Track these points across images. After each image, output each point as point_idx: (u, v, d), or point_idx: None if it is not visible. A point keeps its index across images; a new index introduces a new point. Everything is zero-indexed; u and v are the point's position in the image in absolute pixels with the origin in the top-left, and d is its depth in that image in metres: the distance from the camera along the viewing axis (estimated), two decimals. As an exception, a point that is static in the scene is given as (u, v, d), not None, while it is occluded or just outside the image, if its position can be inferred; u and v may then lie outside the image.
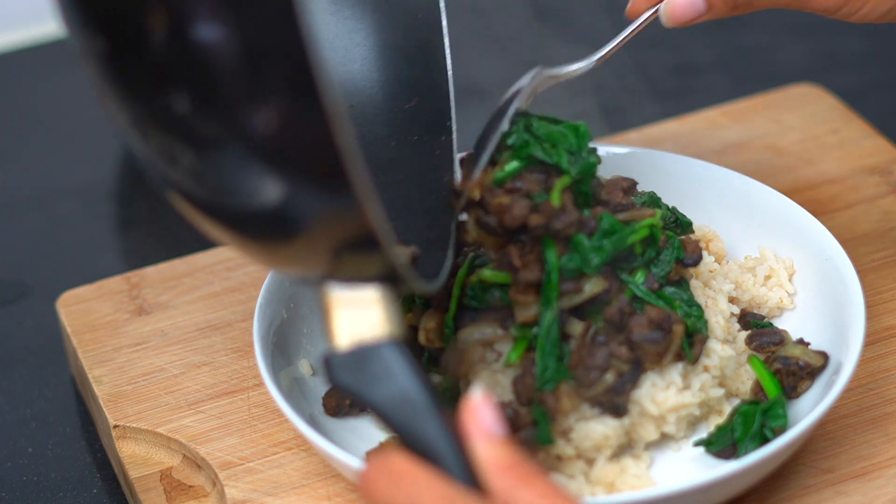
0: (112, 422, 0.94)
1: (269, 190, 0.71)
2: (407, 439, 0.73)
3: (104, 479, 0.97)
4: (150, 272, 1.05)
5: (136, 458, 0.93)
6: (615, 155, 1.01)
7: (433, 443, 0.72)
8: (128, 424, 0.94)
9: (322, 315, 0.76)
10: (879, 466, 0.89)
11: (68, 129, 1.30)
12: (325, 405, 0.92)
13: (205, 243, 1.09)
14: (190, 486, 0.91)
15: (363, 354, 0.75)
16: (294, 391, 0.92)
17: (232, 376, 0.97)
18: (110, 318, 1.01)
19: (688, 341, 0.89)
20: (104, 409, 0.95)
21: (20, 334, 1.08)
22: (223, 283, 1.03)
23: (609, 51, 0.94)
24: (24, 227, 1.19)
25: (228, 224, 0.75)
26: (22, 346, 1.07)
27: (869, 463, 0.89)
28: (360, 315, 0.75)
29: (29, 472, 0.97)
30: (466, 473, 0.71)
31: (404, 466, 0.71)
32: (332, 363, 0.75)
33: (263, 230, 0.74)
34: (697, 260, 0.91)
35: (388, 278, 0.76)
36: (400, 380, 0.74)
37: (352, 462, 0.84)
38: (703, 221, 0.99)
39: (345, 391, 0.75)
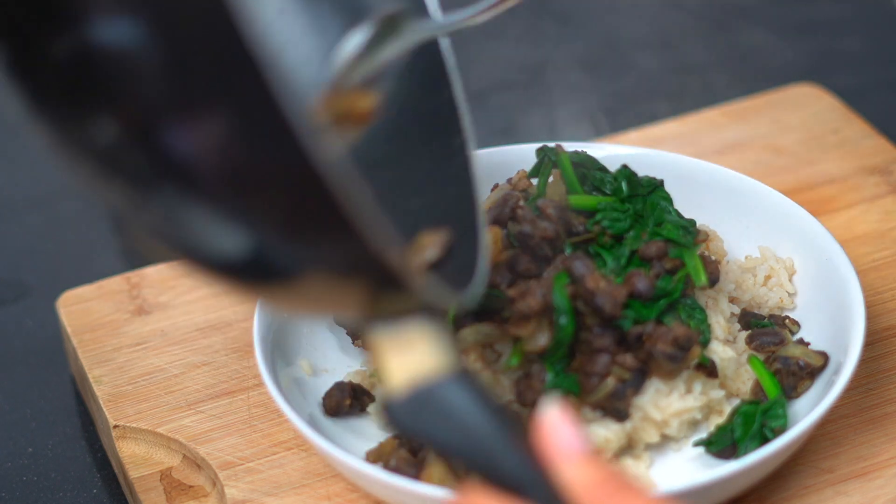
0: (112, 422, 0.94)
1: (239, 231, 0.60)
2: (486, 476, 0.67)
3: (104, 479, 0.97)
4: (150, 272, 1.05)
5: (136, 458, 0.93)
6: (615, 155, 1.01)
7: (514, 476, 0.66)
8: (128, 424, 0.94)
9: (373, 360, 0.72)
10: (879, 466, 0.89)
11: (68, 129, 1.30)
12: (324, 405, 0.92)
13: (205, 243, 1.09)
14: (190, 486, 0.91)
15: (422, 396, 0.69)
16: (294, 391, 0.92)
17: (232, 376, 0.97)
18: (110, 318, 1.01)
19: (706, 358, 0.89)
20: (104, 409, 0.95)
21: (20, 334, 1.08)
22: (223, 283, 1.03)
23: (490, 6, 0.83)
24: (24, 227, 1.19)
25: (203, 267, 0.64)
26: (22, 346, 1.07)
27: (869, 463, 0.89)
28: (409, 354, 0.70)
29: (29, 472, 0.97)
30: (556, 502, 0.66)
31: None
32: (392, 411, 0.70)
33: (259, 277, 0.64)
34: (715, 281, 0.91)
35: (427, 308, 0.70)
36: (464, 415, 0.68)
37: (352, 462, 0.84)
38: (703, 221, 0.99)
39: (411, 437, 0.70)
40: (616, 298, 0.86)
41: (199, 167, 0.57)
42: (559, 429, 0.66)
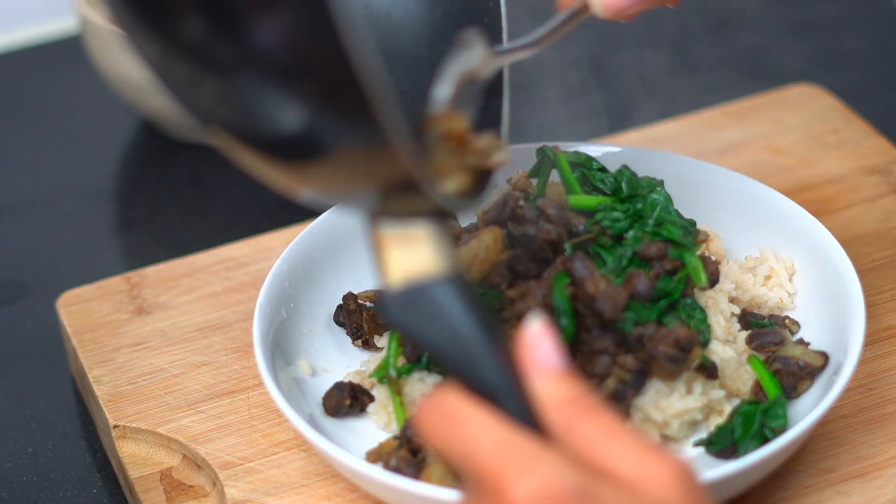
0: (112, 422, 0.94)
1: (293, 114, 0.68)
2: (463, 378, 0.70)
3: (104, 479, 0.97)
4: (150, 272, 1.05)
5: (136, 458, 0.93)
6: (615, 155, 1.01)
7: (489, 382, 0.69)
8: (128, 424, 0.94)
9: (373, 253, 0.74)
10: (879, 466, 0.89)
11: (68, 129, 1.30)
12: (325, 405, 0.92)
13: (205, 243, 1.09)
14: (190, 486, 0.91)
15: (415, 293, 0.72)
16: (294, 391, 0.92)
17: (232, 376, 0.97)
18: (110, 318, 1.01)
19: (706, 359, 0.89)
20: (104, 409, 0.95)
21: (20, 334, 1.08)
22: (223, 283, 1.03)
23: (539, 38, 0.87)
24: (24, 227, 1.19)
25: (262, 150, 0.72)
26: (22, 346, 1.07)
27: (869, 463, 0.89)
28: (410, 252, 0.73)
29: (29, 472, 0.97)
30: (525, 413, 0.68)
31: (460, 409, 0.67)
32: (385, 303, 0.72)
33: (297, 154, 0.71)
34: (715, 281, 0.91)
35: (438, 213, 0.73)
36: (453, 317, 0.71)
37: (352, 462, 0.84)
38: (704, 221, 0.99)
39: (399, 330, 0.73)
40: (617, 302, 0.86)
41: (274, 55, 0.67)
42: (539, 343, 0.68)
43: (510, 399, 0.68)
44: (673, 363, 0.86)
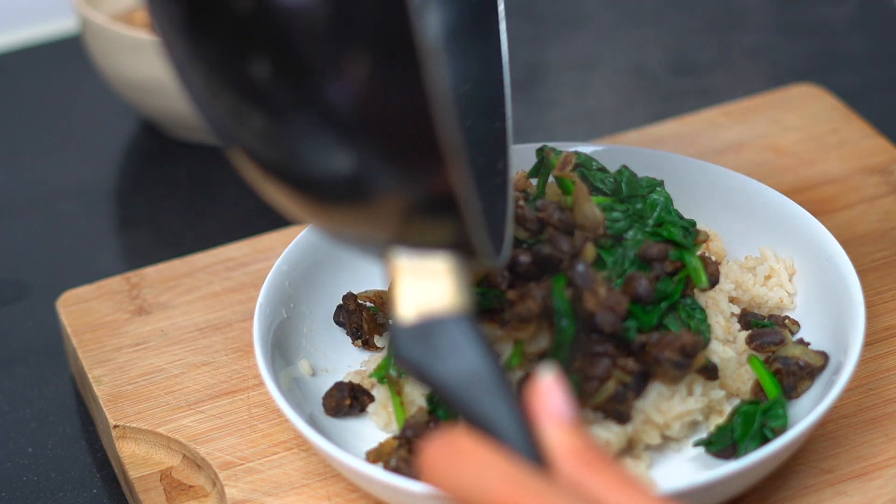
0: (112, 422, 0.94)
1: (344, 154, 0.67)
2: (472, 418, 0.69)
3: (104, 479, 0.97)
4: (150, 272, 1.05)
5: (136, 458, 0.93)
6: (615, 155, 1.01)
7: (500, 422, 0.69)
8: (128, 424, 0.94)
9: (388, 284, 0.73)
10: (879, 466, 0.89)
11: (68, 129, 1.30)
12: (325, 405, 0.92)
13: (205, 243, 1.09)
14: (190, 486, 0.91)
15: (430, 327, 0.70)
16: (294, 391, 0.92)
17: (232, 376, 0.97)
18: (110, 318, 1.01)
19: (708, 360, 0.89)
20: (104, 409, 0.95)
21: (20, 334, 1.08)
22: (223, 283, 1.03)
23: None
24: (24, 227, 1.19)
25: (295, 187, 0.71)
26: (22, 346, 1.07)
27: (869, 463, 0.89)
28: (427, 286, 0.71)
29: (29, 472, 0.97)
30: (534, 455, 0.68)
31: (469, 445, 0.67)
32: (397, 336, 0.71)
33: (333, 193, 0.70)
34: (715, 282, 0.91)
35: (459, 247, 0.72)
36: (467, 355, 0.70)
37: (352, 462, 0.84)
38: (704, 221, 0.99)
39: (409, 365, 0.71)
40: (617, 313, 0.86)
41: (338, 105, 0.66)
42: (551, 393, 0.69)
43: (520, 442, 0.68)
44: (678, 369, 0.86)
